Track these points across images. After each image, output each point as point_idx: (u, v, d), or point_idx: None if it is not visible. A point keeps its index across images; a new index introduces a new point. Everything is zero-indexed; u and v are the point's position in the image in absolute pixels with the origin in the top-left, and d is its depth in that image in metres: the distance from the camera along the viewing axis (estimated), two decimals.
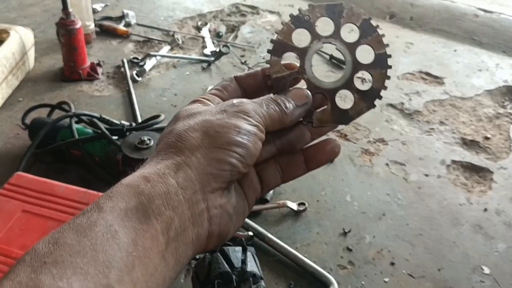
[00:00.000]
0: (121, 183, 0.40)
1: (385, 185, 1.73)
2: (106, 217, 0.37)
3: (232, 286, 1.13)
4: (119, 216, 0.37)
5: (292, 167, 0.52)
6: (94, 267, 0.34)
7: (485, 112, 2.20)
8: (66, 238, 0.35)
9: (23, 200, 1.30)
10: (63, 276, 0.33)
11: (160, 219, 0.39)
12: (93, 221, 0.37)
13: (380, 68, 0.51)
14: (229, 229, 0.45)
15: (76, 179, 1.61)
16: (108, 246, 0.35)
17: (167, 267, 0.39)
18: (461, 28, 2.99)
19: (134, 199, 0.39)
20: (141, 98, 2.11)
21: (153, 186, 0.40)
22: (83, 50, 2.16)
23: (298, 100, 0.49)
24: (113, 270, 0.34)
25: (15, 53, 2.04)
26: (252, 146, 0.43)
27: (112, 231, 0.36)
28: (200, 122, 0.44)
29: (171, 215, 0.39)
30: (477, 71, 2.55)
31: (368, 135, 1.99)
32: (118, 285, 0.34)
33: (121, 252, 0.35)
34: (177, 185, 0.40)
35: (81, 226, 0.36)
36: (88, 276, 0.33)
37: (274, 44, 0.51)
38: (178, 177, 0.41)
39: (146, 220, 0.38)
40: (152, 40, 2.61)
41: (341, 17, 0.52)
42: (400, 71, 2.48)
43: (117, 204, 0.38)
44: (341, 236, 1.51)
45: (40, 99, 2.03)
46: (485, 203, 1.69)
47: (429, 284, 1.38)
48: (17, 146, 1.77)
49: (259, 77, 0.52)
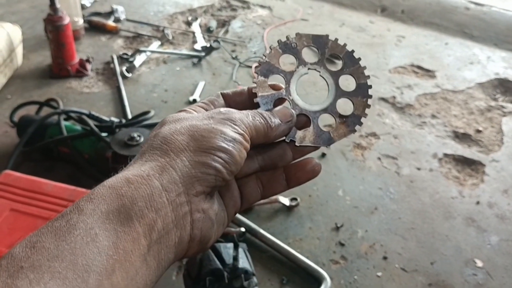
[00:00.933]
0: (103, 185, 0.39)
1: (377, 179, 1.73)
2: (86, 219, 0.36)
3: (223, 283, 1.12)
4: (99, 219, 0.36)
5: (272, 183, 0.53)
6: (72, 271, 0.33)
7: (476, 105, 2.20)
8: (44, 242, 0.34)
9: (11, 199, 1.28)
10: (40, 281, 0.32)
11: (142, 222, 0.38)
12: (73, 224, 0.36)
13: (362, 97, 0.55)
14: (211, 235, 0.44)
15: (65, 177, 1.59)
16: (87, 250, 0.34)
17: (149, 270, 0.38)
18: (453, 21, 2.99)
19: (116, 201, 0.38)
20: (131, 94, 2.09)
21: (136, 188, 0.39)
22: (72, 46, 2.14)
23: (283, 117, 0.50)
24: (92, 274, 0.34)
25: (3, 50, 2.01)
26: (237, 154, 0.43)
27: (92, 234, 0.35)
28: (186, 126, 0.44)
29: (154, 218, 0.38)
30: (469, 64, 2.55)
31: (360, 129, 1.98)
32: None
33: (101, 255, 0.35)
34: (161, 187, 0.40)
35: (60, 230, 0.35)
36: (67, 281, 0.32)
37: (262, 66, 0.53)
38: (162, 179, 0.40)
39: (128, 223, 0.37)
40: (142, 35, 2.59)
41: (326, 48, 0.56)
42: (391, 64, 2.48)
43: (98, 207, 0.37)
44: (333, 231, 1.51)
45: (28, 96, 2.01)
46: (477, 196, 1.69)
47: (422, 277, 1.38)
48: (5, 144, 1.75)
49: (244, 96, 0.53)
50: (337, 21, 2.96)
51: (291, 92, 0.53)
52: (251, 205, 0.53)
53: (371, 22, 2.96)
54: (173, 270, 1.33)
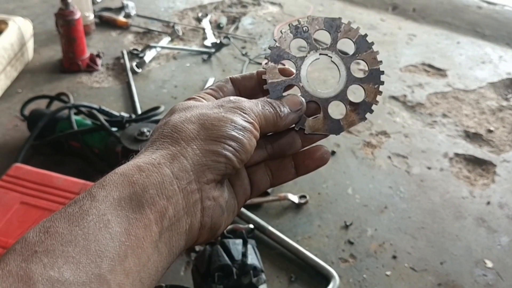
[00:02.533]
0: (115, 172, 0.40)
1: (387, 178, 1.72)
2: (98, 206, 0.36)
3: (232, 279, 1.12)
4: (112, 206, 0.37)
5: (282, 171, 0.53)
6: (86, 256, 0.33)
7: (488, 104, 2.18)
8: (57, 227, 0.34)
9: (21, 192, 1.29)
10: (54, 265, 0.32)
11: (153, 209, 0.38)
12: (85, 210, 0.36)
13: (373, 83, 0.53)
14: (221, 223, 0.44)
15: (75, 171, 1.59)
16: (100, 236, 0.35)
17: (160, 257, 0.38)
18: (464, 20, 2.96)
19: (128, 188, 0.38)
20: (141, 89, 2.09)
21: (147, 176, 0.39)
22: (82, 41, 2.14)
23: (293, 105, 0.50)
24: (105, 260, 0.34)
25: (14, 44, 2.02)
26: (247, 142, 0.43)
27: (105, 220, 0.35)
28: (196, 115, 0.44)
29: (165, 205, 0.39)
30: (480, 63, 2.53)
31: (370, 127, 1.97)
32: (110, 274, 0.34)
33: (114, 241, 0.35)
34: (172, 175, 0.40)
35: (73, 215, 0.35)
36: (80, 266, 0.33)
37: (272, 51, 0.53)
38: (173, 167, 0.40)
39: (140, 210, 0.37)
40: (152, 31, 2.59)
41: (338, 32, 0.54)
42: (402, 63, 2.46)
43: (110, 193, 0.37)
44: (342, 229, 1.50)
45: (39, 91, 2.01)
46: (488, 196, 1.67)
47: (431, 277, 1.37)
48: (16, 138, 1.75)
49: (254, 80, 0.53)
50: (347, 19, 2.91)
51: (302, 78, 0.52)
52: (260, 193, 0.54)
53: (382, 20, 2.94)
54: (182, 265, 1.33)
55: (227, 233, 1.26)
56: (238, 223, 1.40)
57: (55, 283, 0.31)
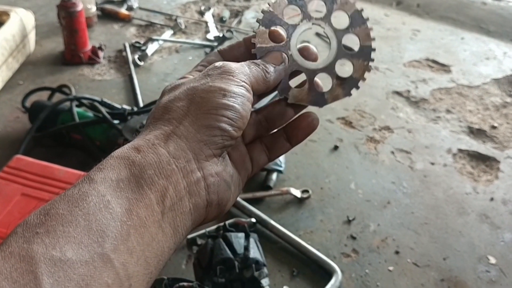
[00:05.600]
0: (111, 156, 0.39)
1: (390, 173, 1.71)
2: (97, 187, 0.36)
3: (234, 273, 1.11)
4: (111, 187, 0.36)
5: (275, 145, 0.52)
6: (87, 236, 0.33)
7: (492, 101, 2.17)
8: (57, 208, 0.34)
9: (22, 183, 1.28)
10: (56, 245, 0.32)
11: (153, 189, 0.37)
12: (85, 192, 0.35)
13: (363, 60, 0.51)
14: (228, 198, 0.44)
15: (76, 164, 1.58)
16: (101, 216, 0.34)
17: (165, 237, 0.38)
18: (469, 16, 2.94)
19: (126, 170, 0.38)
20: (143, 82, 2.07)
21: (143, 157, 0.38)
22: (84, 33, 2.13)
23: (275, 61, 0.49)
24: (107, 239, 0.33)
25: (16, 36, 2.01)
26: (241, 108, 0.42)
27: (105, 201, 0.35)
28: (184, 91, 0.43)
29: (165, 184, 0.38)
30: (485, 59, 2.51)
31: (373, 122, 1.96)
32: (113, 253, 0.33)
33: (115, 221, 0.34)
34: (168, 155, 0.39)
35: (73, 197, 0.35)
36: (82, 245, 0.32)
37: (265, 15, 0.51)
38: (168, 146, 0.39)
39: (139, 190, 0.37)
40: (155, 24, 2.57)
41: (335, 3, 0.54)
42: (406, 58, 2.44)
43: (108, 175, 0.37)
44: (345, 224, 1.49)
45: (40, 83, 2.00)
46: (491, 192, 1.66)
47: (434, 273, 1.36)
48: (17, 130, 1.74)
49: (242, 48, 0.51)
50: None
51: (291, 46, 0.51)
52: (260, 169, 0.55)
53: (386, 15, 2.93)
54: (183, 258, 1.33)
55: (229, 227, 1.26)
56: (240, 217, 1.39)
57: (57, 262, 0.31)
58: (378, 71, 2.31)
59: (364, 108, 2.03)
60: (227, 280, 1.11)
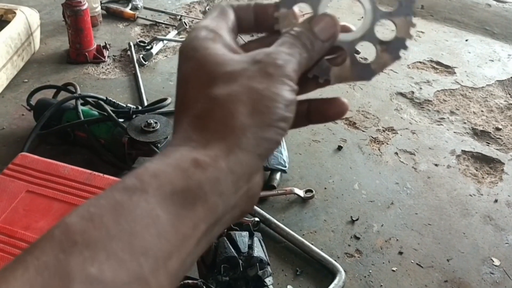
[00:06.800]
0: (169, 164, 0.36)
1: (394, 174, 1.70)
2: (149, 199, 0.33)
3: (238, 271, 1.11)
4: (163, 200, 0.33)
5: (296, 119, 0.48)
6: (129, 254, 0.30)
7: (496, 102, 2.17)
8: (103, 216, 0.31)
9: (27, 181, 1.29)
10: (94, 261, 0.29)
11: (205, 206, 0.35)
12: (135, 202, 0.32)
13: (404, 15, 0.45)
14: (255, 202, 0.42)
15: (81, 162, 1.59)
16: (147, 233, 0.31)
17: (198, 251, 0.35)
18: (473, 18, 2.94)
19: (182, 182, 0.34)
20: (147, 81, 2.08)
21: (203, 171, 0.35)
22: (90, 32, 2.13)
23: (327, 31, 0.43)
24: (149, 259, 0.31)
25: (21, 34, 2.01)
26: (292, 116, 0.39)
27: (153, 216, 0.32)
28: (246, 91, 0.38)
29: (217, 202, 0.35)
30: (489, 61, 2.51)
31: (377, 123, 1.96)
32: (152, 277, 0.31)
33: (160, 240, 0.32)
34: (227, 170, 0.36)
35: (121, 205, 0.32)
36: (122, 264, 0.30)
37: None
38: (229, 161, 0.36)
39: (191, 207, 0.34)
40: (159, 24, 2.57)
41: None
42: (410, 59, 2.44)
43: (163, 186, 0.34)
44: (348, 224, 1.49)
45: (45, 81, 2.01)
46: (495, 194, 1.66)
47: (438, 274, 1.36)
48: (22, 127, 1.75)
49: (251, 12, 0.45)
50: (356, 15, 2.93)
51: None
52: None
53: None
54: None
55: (233, 226, 1.26)
56: None
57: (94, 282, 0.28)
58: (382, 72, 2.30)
59: (368, 109, 2.03)
60: (231, 278, 1.11)
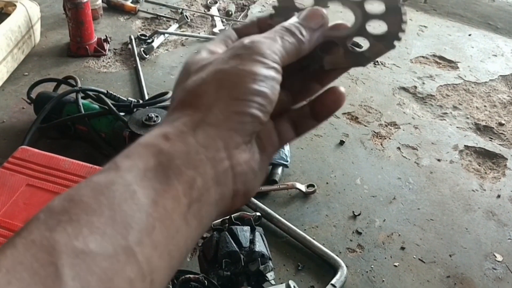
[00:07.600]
0: (139, 143, 0.37)
1: (396, 169, 1.69)
2: (124, 176, 0.34)
3: (239, 266, 1.10)
4: (137, 176, 0.34)
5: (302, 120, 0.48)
6: (111, 227, 0.31)
7: (499, 97, 2.15)
8: (82, 195, 0.32)
9: (27, 174, 1.28)
10: (78, 235, 0.30)
11: (181, 180, 0.35)
12: (111, 180, 0.33)
13: (394, 15, 0.45)
14: (254, 186, 0.42)
15: (81, 155, 1.58)
16: (126, 206, 0.32)
17: (189, 229, 0.36)
18: (477, 12, 2.92)
19: (153, 159, 0.35)
20: (148, 75, 2.07)
21: (172, 146, 0.36)
22: (90, 25, 2.12)
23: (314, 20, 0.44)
24: (132, 231, 0.32)
25: (21, 26, 2.00)
26: (271, 92, 0.39)
27: (131, 191, 0.33)
28: (212, 74, 0.40)
29: (193, 175, 0.36)
30: (492, 56, 2.49)
31: (379, 118, 1.94)
32: (138, 247, 0.32)
33: (141, 213, 0.33)
34: (197, 144, 0.37)
35: (98, 184, 0.33)
36: (106, 237, 0.31)
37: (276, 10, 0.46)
38: (197, 135, 0.37)
39: (167, 181, 0.35)
40: (161, 17, 2.56)
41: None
42: (413, 54, 2.43)
43: (135, 164, 0.35)
44: (350, 219, 1.48)
45: (46, 74, 2.00)
46: (498, 189, 1.65)
47: (440, 269, 1.35)
48: (22, 121, 1.74)
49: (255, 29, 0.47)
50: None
51: None
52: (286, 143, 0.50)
53: None
54: None
55: (235, 220, 1.25)
56: (245, 211, 1.38)
57: (79, 254, 0.30)
58: (384, 66, 2.29)
59: (370, 103, 2.02)
60: (232, 273, 1.10)
